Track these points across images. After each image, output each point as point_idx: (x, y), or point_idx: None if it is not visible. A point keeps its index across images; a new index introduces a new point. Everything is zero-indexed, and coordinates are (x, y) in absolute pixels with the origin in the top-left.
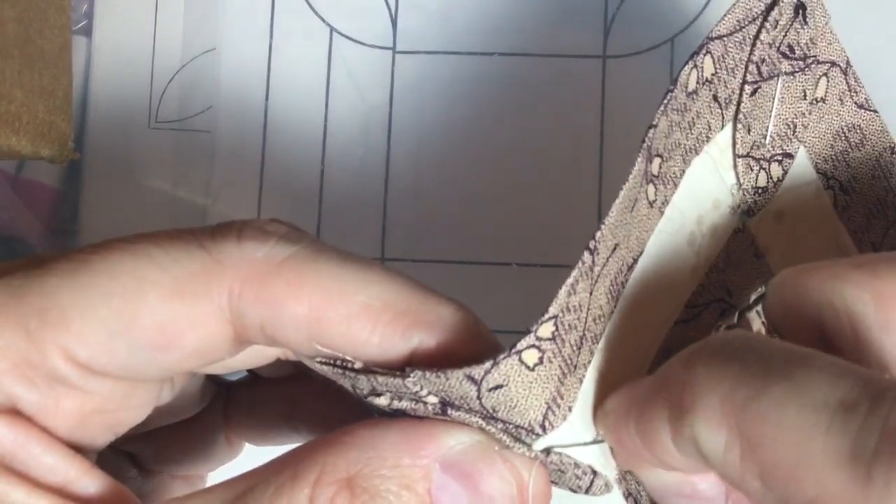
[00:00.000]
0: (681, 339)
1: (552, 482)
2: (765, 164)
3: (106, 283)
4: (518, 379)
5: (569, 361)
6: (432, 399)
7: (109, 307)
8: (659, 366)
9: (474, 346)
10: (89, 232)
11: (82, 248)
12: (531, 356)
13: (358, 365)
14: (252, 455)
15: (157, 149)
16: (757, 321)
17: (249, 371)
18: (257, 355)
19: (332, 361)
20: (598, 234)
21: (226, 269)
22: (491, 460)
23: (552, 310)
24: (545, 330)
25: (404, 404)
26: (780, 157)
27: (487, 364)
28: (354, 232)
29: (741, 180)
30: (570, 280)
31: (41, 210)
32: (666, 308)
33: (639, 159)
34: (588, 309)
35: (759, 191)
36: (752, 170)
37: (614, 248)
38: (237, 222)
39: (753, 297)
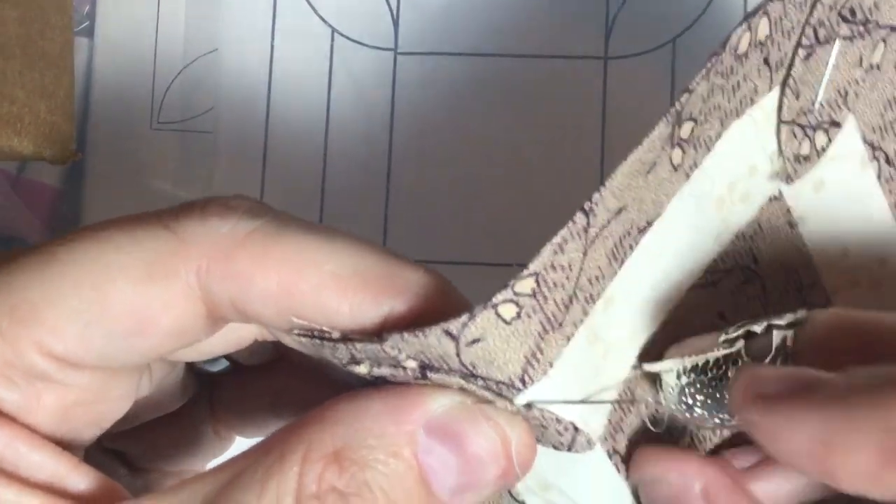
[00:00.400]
0: (696, 304)
1: (535, 439)
2: (810, 132)
3: (74, 274)
4: (495, 332)
5: (552, 319)
6: (411, 363)
7: (80, 297)
8: (669, 330)
9: (445, 308)
10: None
11: (49, 241)
12: (508, 310)
13: (335, 334)
14: (244, 447)
15: (159, 149)
16: (778, 336)
17: (231, 360)
18: (235, 338)
19: (309, 333)
20: (596, 195)
21: (191, 248)
22: (474, 420)
23: (533, 267)
24: (524, 286)
25: (384, 371)
26: (826, 126)
27: (464, 317)
28: (356, 233)
29: (783, 147)
30: (556, 239)
31: (42, 210)
32: (680, 272)
33: (661, 123)
34: (581, 269)
35: (802, 159)
36: (795, 137)
37: (619, 211)
38: (201, 200)
39: (787, 320)
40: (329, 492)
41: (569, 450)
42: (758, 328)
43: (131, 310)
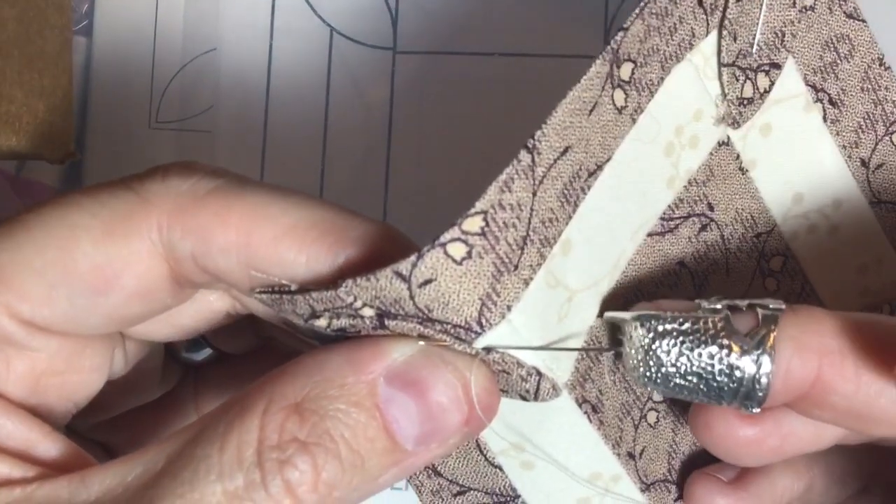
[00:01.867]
0: (655, 251)
1: (502, 390)
2: (751, 74)
3: (40, 237)
4: (447, 273)
5: (506, 260)
6: (368, 312)
7: (45, 258)
8: (630, 277)
9: (398, 255)
10: None
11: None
12: (457, 249)
13: (294, 287)
14: None
15: (157, 149)
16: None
17: (214, 348)
18: (207, 312)
19: (269, 289)
20: (538, 132)
21: (152, 206)
22: (434, 366)
23: (479, 205)
24: (472, 224)
25: (343, 322)
26: (767, 67)
27: (413, 258)
28: None
29: (726, 90)
30: (502, 177)
31: None
32: (636, 218)
33: (598, 61)
34: (532, 209)
35: (745, 102)
36: (737, 80)
37: (564, 151)
38: (164, 164)
39: (772, 304)
40: (290, 442)
41: (535, 398)
42: (741, 304)
43: (93, 267)
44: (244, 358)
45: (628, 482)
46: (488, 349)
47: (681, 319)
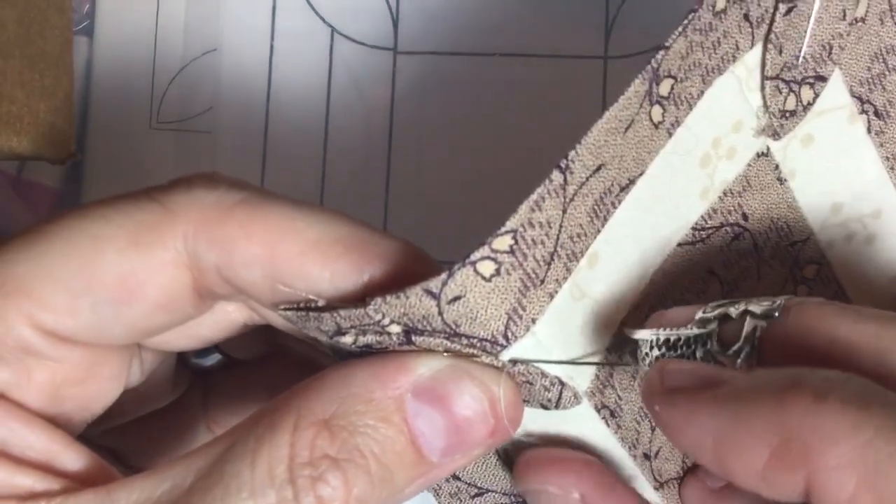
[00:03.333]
0: (685, 260)
1: (524, 400)
2: (795, 87)
3: (62, 247)
4: (475, 289)
5: (532, 275)
6: (395, 328)
7: (68, 268)
8: (659, 285)
9: (421, 273)
10: None
11: (39, 221)
12: (486, 267)
13: (321, 303)
14: None
15: (158, 149)
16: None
17: (225, 354)
18: (225, 323)
19: (294, 305)
20: (572, 153)
21: (178, 217)
22: (460, 380)
23: (510, 224)
24: (501, 243)
25: (369, 339)
26: (812, 80)
27: (444, 276)
28: None
29: (768, 103)
30: (533, 196)
31: (42, 211)
32: (666, 229)
33: (637, 80)
34: (561, 226)
35: (787, 114)
36: (780, 92)
37: (598, 169)
38: (187, 175)
39: (763, 309)
40: (322, 459)
41: (556, 406)
42: (734, 312)
43: (117, 277)
44: (253, 364)
45: (643, 481)
46: (514, 361)
47: (671, 338)
